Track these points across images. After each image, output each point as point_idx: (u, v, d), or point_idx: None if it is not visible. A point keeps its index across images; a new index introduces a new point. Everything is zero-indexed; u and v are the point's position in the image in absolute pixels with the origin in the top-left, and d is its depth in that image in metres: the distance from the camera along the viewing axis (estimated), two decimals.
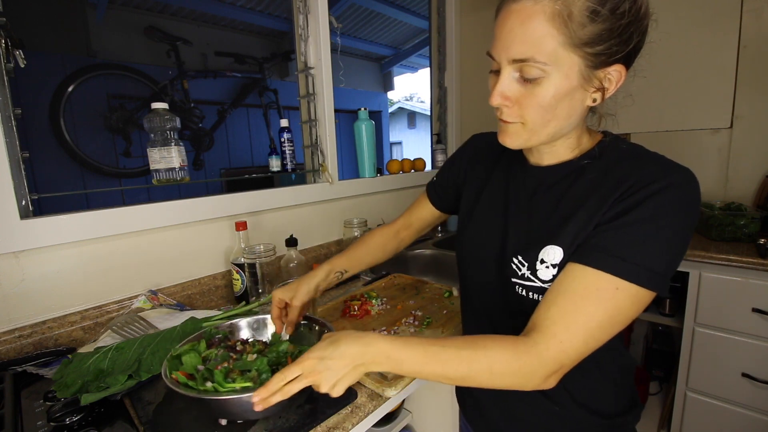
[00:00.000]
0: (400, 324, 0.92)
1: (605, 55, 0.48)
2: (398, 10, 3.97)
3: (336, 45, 1.45)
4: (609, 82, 0.51)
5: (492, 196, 0.67)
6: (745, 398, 1.27)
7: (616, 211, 0.50)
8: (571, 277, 0.50)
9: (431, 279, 1.23)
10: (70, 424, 0.59)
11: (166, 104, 1.04)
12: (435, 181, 0.85)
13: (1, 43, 0.83)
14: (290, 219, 1.35)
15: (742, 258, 1.22)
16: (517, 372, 0.49)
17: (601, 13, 0.45)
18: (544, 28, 0.46)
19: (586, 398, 0.61)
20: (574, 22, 0.46)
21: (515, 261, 0.59)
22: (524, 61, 0.48)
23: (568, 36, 0.46)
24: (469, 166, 0.76)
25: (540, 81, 0.49)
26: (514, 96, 0.52)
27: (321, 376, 0.50)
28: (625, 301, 0.48)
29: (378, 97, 5.38)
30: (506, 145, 0.57)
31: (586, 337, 0.48)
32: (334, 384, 0.50)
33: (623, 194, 0.50)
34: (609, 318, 0.48)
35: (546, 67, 0.48)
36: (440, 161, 2.11)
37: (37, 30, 2.45)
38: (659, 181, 0.48)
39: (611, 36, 0.47)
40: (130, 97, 2.72)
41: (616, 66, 0.50)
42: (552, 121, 0.52)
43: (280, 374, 0.51)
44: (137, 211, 0.99)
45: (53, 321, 0.88)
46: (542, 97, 0.50)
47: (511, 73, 0.51)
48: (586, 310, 0.48)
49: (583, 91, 0.51)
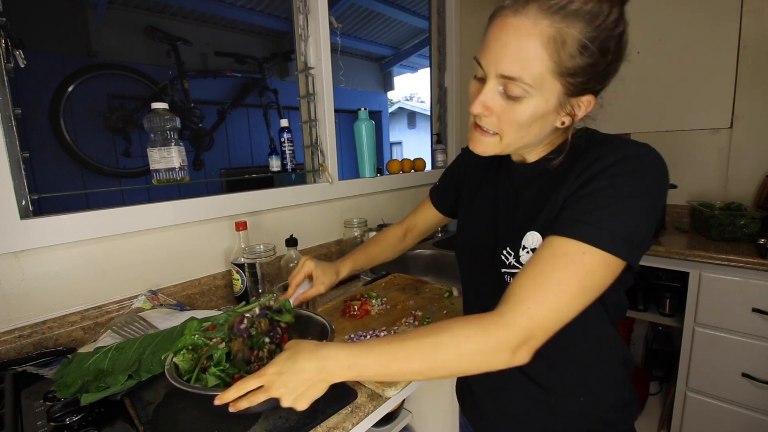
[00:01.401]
0: (400, 324, 0.92)
1: (582, 86, 0.51)
2: (398, 10, 3.97)
3: (336, 45, 1.45)
4: (579, 109, 0.54)
5: (485, 196, 0.70)
6: (745, 398, 1.27)
7: (577, 185, 0.52)
8: (541, 248, 0.51)
9: (431, 279, 1.23)
10: (70, 424, 0.59)
11: (166, 104, 1.04)
12: (438, 185, 0.90)
13: (1, 43, 0.83)
14: (290, 219, 1.35)
15: (742, 258, 1.22)
16: (484, 347, 0.48)
17: (589, 49, 0.48)
18: (537, 51, 0.48)
19: (584, 391, 0.61)
20: (566, 52, 0.48)
21: (504, 252, 0.61)
22: (512, 79, 0.50)
23: (556, 63, 0.48)
24: (468, 170, 0.79)
25: (521, 100, 0.51)
26: (495, 108, 0.54)
27: (280, 391, 0.49)
28: (592, 266, 0.48)
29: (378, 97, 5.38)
30: (476, 152, 0.60)
31: (555, 304, 0.47)
32: (294, 399, 0.50)
33: (583, 170, 0.52)
34: (578, 283, 0.47)
35: (530, 89, 0.50)
36: (440, 161, 2.11)
37: (37, 30, 2.45)
38: (615, 153, 0.51)
39: (594, 72, 0.50)
40: (130, 97, 2.72)
41: (588, 96, 0.53)
42: (524, 137, 0.55)
43: (241, 384, 0.50)
44: (137, 211, 0.99)
45: (53, 321, 0.88)
46: (521, 115, 0.52)
47: (496, 86, 0.52)
48: (553, 275, 0.48)
49: (556, 114, 0.54)
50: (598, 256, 0.48)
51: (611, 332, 0.62)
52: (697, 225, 1.54)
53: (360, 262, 0.88)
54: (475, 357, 0.48)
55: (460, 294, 1.09)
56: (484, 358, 0.48)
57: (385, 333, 0.88)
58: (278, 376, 0.50)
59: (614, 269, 0.49)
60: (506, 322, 0.48)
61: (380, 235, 0.94)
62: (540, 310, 0.47)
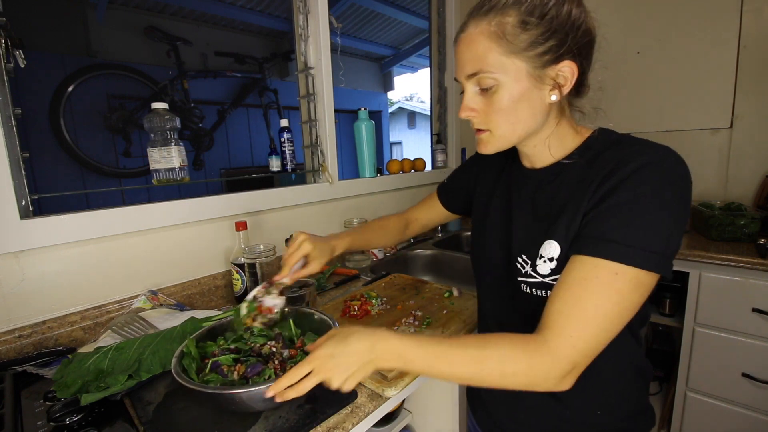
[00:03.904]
0: (400, 324, 0.92)
1: (547, 54, 0.52)
2: (398, 10, 3.97)
3: (336, 45, 1.45)
4: (563, 78, 0.54)
5: (499, 204, 0.70)
6: (745, 398, 1.27)
7: (598, 197, 0.51)
8: (571, 269, 0.51)
9: (431, 279, 1.23)
10: (70, 424, 0.59)
11: (166, 104, 1.04)
12: (446, 184, 0.90)
13: (1, 43, 0.83)
14: (290, 219, 1.35)
15: (742, 258, 1.22)
16: (529, 372, 0.48)
17: (530, 22, 0.51)
18: (485, 44, 0.53)
19: (601, 403, 0.60)
20: (509, 35, 0.52)
21: (519, 260, 0.61)
22: (476, 74, 0.55)
23: (506, 46, 0.52)
24: (479, 175, 0.79)
25: (495, 89, 0.55)
26: (479, 107, 0.57)
27: (332, 372, 0.51)
28: (626, 285, 0.47)
29: (378, 97, 5.38)
30: (482, 153, 0.62)
31: (595, 330, 0.47)
32: (345, 380, 0.51)
33: (603, 179, 0.51)
34: (614, 306, 0.47)
35: (495, 75, 0.54)
36: (440, 161, 2.11)
37: (37, 30, 2.45)
38: (635, 160, 0.50)
39: (546, 38, 0.52)
40: (130, 97, 2.72)
41: (565, 62, 0.53)
42: (517, 124, 0.57)
43: (292, 372, 0.51)
44: (137, 211, 0.99)
45: (53, 321, 0.88)
46: (500, 102, 0.55)
47: (472, 88, 0.57)
48: (590, 300, 0.47)
49: (539, 90, 0.55)
50: (631, 274, 0.47)
51: (631, 343, 0.61)
52: (697, 225, 1.54)
53: (357, 243, 0.86)
54: (519, 378, 0.49)
55: (460, 294, 1.09)
56: (527, 380, 0.49)
57: None
58: (330, 358, 0.51)
59: (649, 284, 0.48)
60: (549, 350, 0.48)
61: (381, 221, 0.93)
62: (583, 339, 0.47)
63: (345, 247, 0.82)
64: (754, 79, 1.54)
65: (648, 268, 0.47)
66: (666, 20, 1.68)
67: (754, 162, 1.57)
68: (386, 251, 1.56)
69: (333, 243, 0.80)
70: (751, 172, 1.58)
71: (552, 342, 0.48)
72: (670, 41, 1.68)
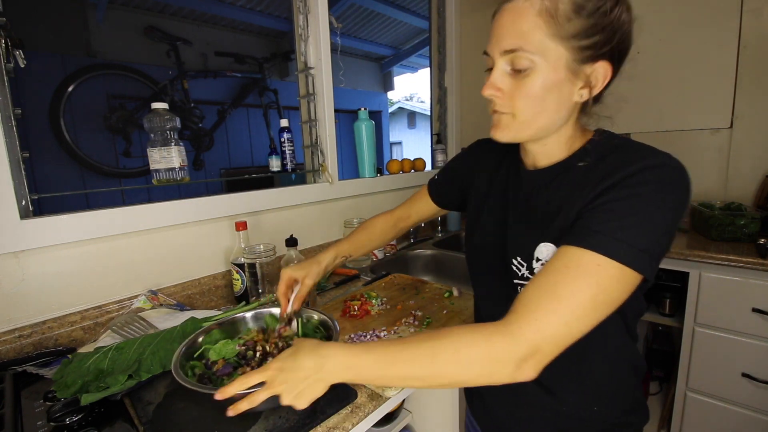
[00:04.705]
0: (400, 324, 0.92)
1: (590, 49, 0.50)
2: (398, 10, 3.97)
3: (336, 45, 1.45)
4: (596, 79, 0.53)
5: (494, 203, 0.69)
6: (745, 398, 1.27)
7: (595, 194, 0.50)
8: (554, 258, 0.49)
9: (431, 279, 1.23)
10: (70, 424, 0.59)
11: (166, 104, 1.04)
12: (436, 179, 0.87)
13: (1, 43, 0.83)
14: (290, 219, 1.35)
15: (742, 258, 1.22)
16: (486, 356, 0.45)
17: (585, 8, 0.49)
18: (532, 21, 0.50)
19: (596, 400, 0.60)
20: (561, 16, 0.49)
21: (515, 262, 0.60)
22: (514, 51, 0.51)
23: (554, 28, 0.49)
24: (474, 171, 0.77)
25: (529, 72, 0.51)
26: (506, 88, 0.54)
27: (281, 387, 0.50)
28: (607, 279, 0.45)
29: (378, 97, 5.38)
30: (497, 138, 0.58)
31: (566, 317, 0.45)
32: (294, 396, 0.50)
33: (602, 180, 0.51)
34: (591, 297, 0.45)
35: (534, 57, 0.50)
36: (440, 161, 2.11)
37: (37, 30, 2.44)
38: (636, 163, 0.49)
39: (595, 31, 0.50)
40: (130, 97, 2.72)
41: (602, 62, 0.52)
42: (541, 114, 0.54)
43: (242, 379, 0.50)
44: (137, 211, 0.99)
45: (53, 321, 0.88)
46: (531, 87, 0.52)
47: (503, 66, 0.54)
48: (566, 287, 0.45)
49: (571, 85, 0.52)
50: (614, 269, 0.45)
51: (626, 340, 0.60)
52: (697, 225, 1.54)
53: (344, 250, 0.86)
54: (475, 366, 0.46)
55: (460, 294, 1.09)
56: (484, 368, 0.46)
57: (385, 333, 0.88)
58: (279, 371, 0.50)
59: (630, 283, 0.46)
60: (511, 332, 0.45)
61: (367, 223, 0.93)
62: (549, 323, 0.45)
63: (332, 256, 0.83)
64: (754, 79, 1.54)
65: (633, 266, 0.45)
66: (666, 20, 1.68)
67: (754, 162, 1.57)
68: (386, 251, 1.56)
69: (318, 257, 0.82)
70: (751, 172, 1.58)
71: (513, 324, 0.46)
72: (670, 41, 1.68)
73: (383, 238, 0.92)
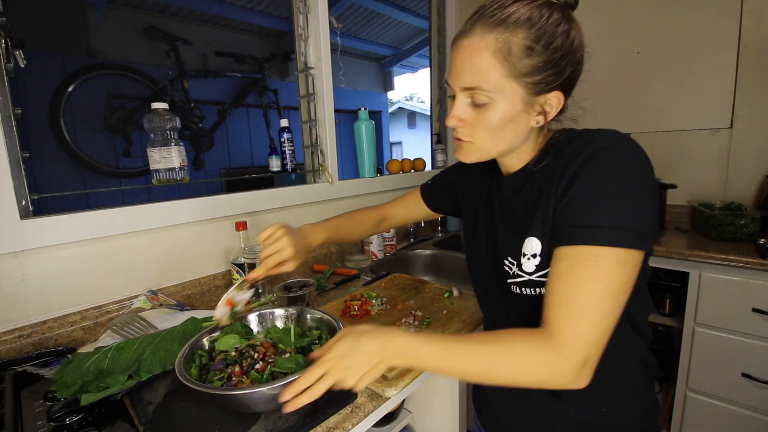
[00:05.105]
0: (400, 324, 0.92)
1: (543, 83, 0.54)
2: (398, 10, 3.97)
3: (336, 45, 1.45)
4: (549, 107, 0.56)
5: (483, 211, 0.72)
6: (745, 398, 1.27)
7: (562, 188, 0.53)
8: (555, 261, 0.52)
9: (431, 279, 1.23)
10: (70, 424, 0.59)
11: (166, 104, 1.04)
12: (429, 184, 0.92)
13: (1, 43, 0.83)
14: (290, 219, 1.35)
15: (742, 258, 1.22)
16: (541, 366, 0.48)
17: (536, 49, 0.52)
18: (488, 61, 0.53)
19: (605, 402, 0.60)
20: (513, 57, 0.52)
21: (506, 262, 0.63)
22: (473, 89, 0.55)
23: (508, 68, 0.53)
24: (466, 183, 0.81)
25: (488, 106, 0.55)
26: (468, 118, 0.58)
27: (345, 373, 0.51)
28: (609, 265, 0.48)
29: (378, 97, 5.38)
30: (461, 160, 0.63)
31: (595, 316, 0.47)
32: (359, 379, 0.52)
33: (564, 170, 0.54)
34: (605, 288, 0.48)
35: (492, 94, 0.54)
36: (440, 161, 2.11)
37: (37, 30, 2.44)
38: (587, 148, 0.52)
39: (547, 68, 0.53)
40: (130, 97, 2.72)
41: (555, 93, 0.55)
42: (500, 141, 0.58)
43: (306, 375, 0.52)
44: (137, 211, 0.99)
45: (53, 321, 0.88)
46: (490, 120, 0.56)
47: (464, 99, 0.57)
48: (581, 287, 0.48)
49: (527, 115, 0.56)
50: (611, 254, 0.48)
51: (634, 338, 0.60)
52: (697, 225, 1.54)
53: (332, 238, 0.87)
54: (531, 375, 0.48)
55: (460, 294, 1.09)
56: (540, 376, 0.48)
57: None
58: (342, 358, 0.52)
59: (633, 262, 0.49)
60: (557, 345, 0.48)
61: (355, 213, 0.93)
62: (584, 327, 0.47)
63: (321, 241, 0.84)
64: (754, 79, 1.54)
65: (626, 245, 0.48)
66: (666, 20, 1.68)
67: (754, 162, 1.57)
68: (386, 251, 1.56)
69: (309, 240, 0.81)
70: (751, 172, 1.58)
71: (557, 336, 0.48)
72: (670, 41, 1.68)
73: (365, 232, 0.94)
